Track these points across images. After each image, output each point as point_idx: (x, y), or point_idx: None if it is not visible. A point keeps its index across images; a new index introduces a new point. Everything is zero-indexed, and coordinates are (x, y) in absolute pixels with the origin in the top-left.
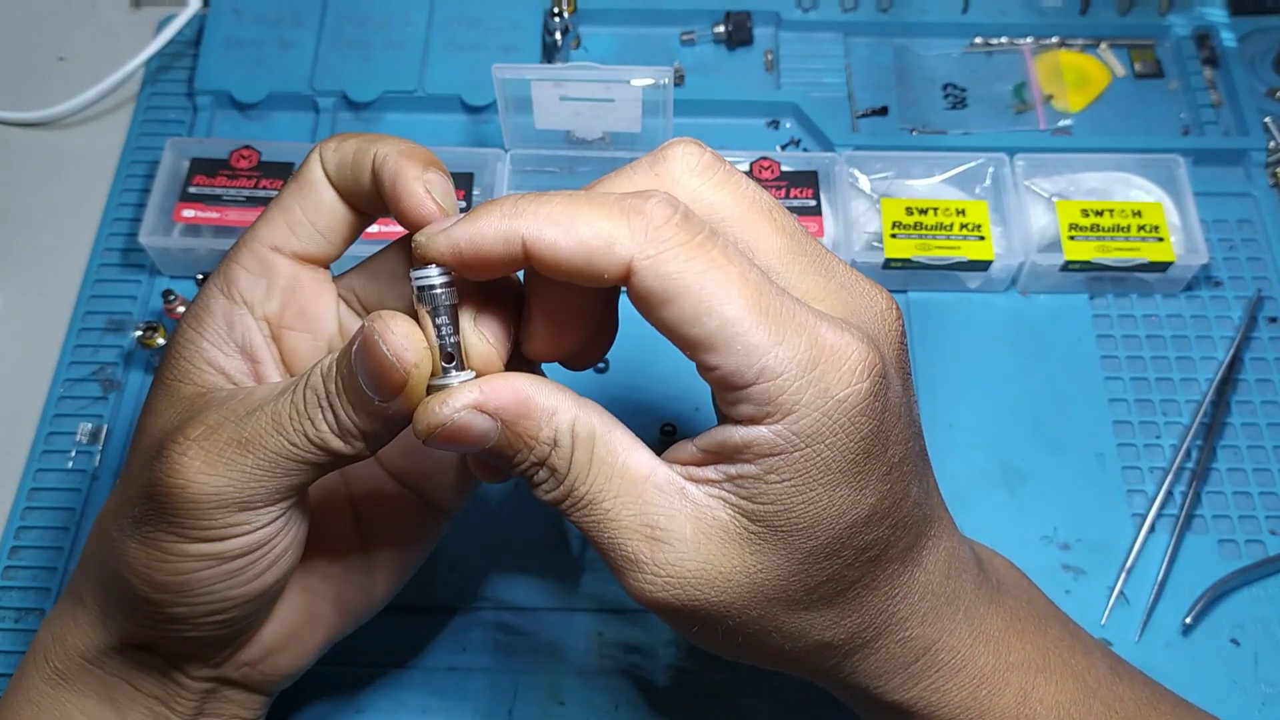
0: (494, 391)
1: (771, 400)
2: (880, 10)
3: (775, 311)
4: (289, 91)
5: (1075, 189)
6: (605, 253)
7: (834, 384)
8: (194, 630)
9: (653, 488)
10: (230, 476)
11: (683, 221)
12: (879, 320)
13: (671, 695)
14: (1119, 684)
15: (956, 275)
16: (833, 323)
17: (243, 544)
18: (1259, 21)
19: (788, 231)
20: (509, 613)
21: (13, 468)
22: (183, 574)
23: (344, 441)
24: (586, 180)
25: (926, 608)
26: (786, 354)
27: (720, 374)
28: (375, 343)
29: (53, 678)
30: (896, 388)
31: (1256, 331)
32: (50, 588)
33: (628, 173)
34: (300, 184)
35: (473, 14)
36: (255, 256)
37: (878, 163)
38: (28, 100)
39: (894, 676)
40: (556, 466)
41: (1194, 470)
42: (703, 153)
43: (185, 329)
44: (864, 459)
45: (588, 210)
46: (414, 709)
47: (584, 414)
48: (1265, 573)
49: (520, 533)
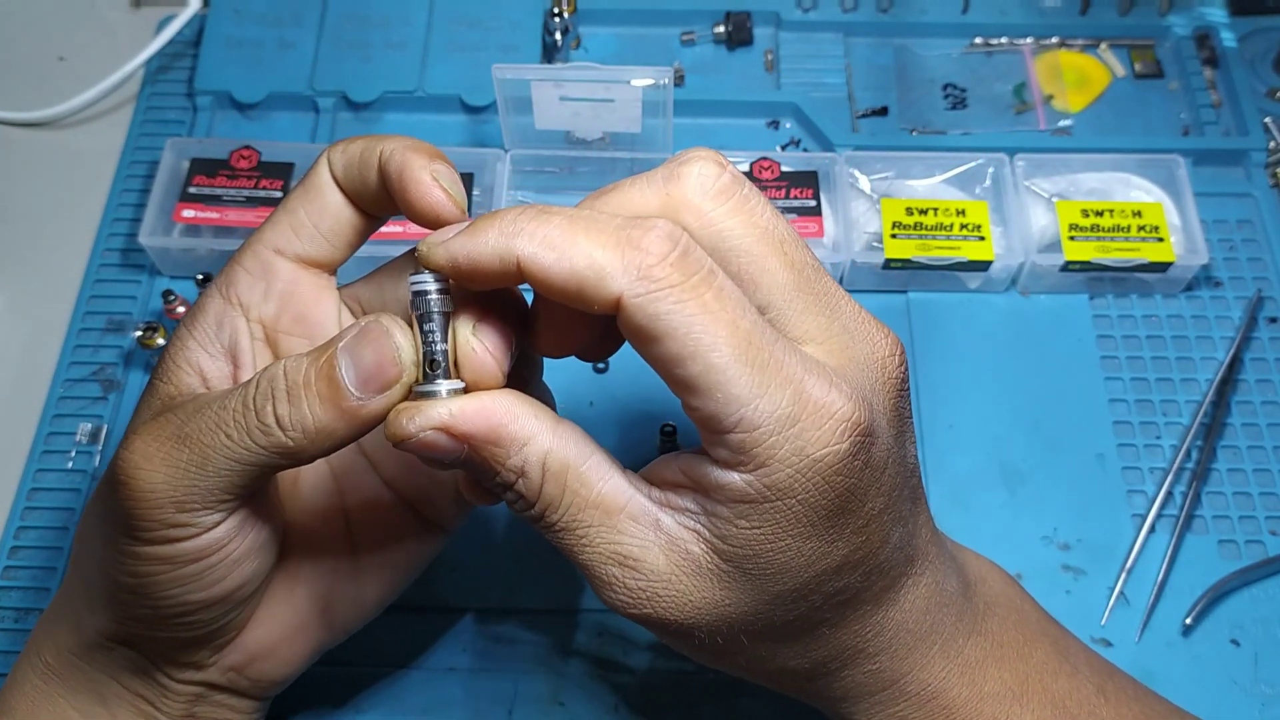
0: (464, 416)
1: (746, 451)
2: (880, 10)
3: (762, 362)
4: (289, 92)
5: (1075, 189)
6: (596, 284)
7: (811, 442)
8: (165, 630)
9: (627, 519)
10: (165, 473)
11: (679, 260)
12: (878, 367)
13: (671, 696)
14: (1104, 706)
15: (957, 275)
16: (822, 376)
17: (190, 548)
18: (1259, 22)
19: (796, 267)
20: (509, 613)
21: (13, 468)
22: (139, 576)
23: (290, 437)
24: (586, 181)
25: (899, 644)
26: (767, 407)
27: (701, 415)
28: (384, 335)
29: (45, 672)
30: (885, 441)
31: (1256, 332)
32: (50, 588)
33: (641, 184)
34: (306, 187)
35: (473, 14)
36: (257, 259)
37: (878, 163)
38: (28, 100)
39: (860, 702)
40: (524, 493)
41: (1194, 470)
42: (720, 173)
43: (180, 328)
44: (836, 515)
45: (584, 237)
46: (414, 709)
47: (559, 445)
48: (1265, 573)
49: (520, 533)
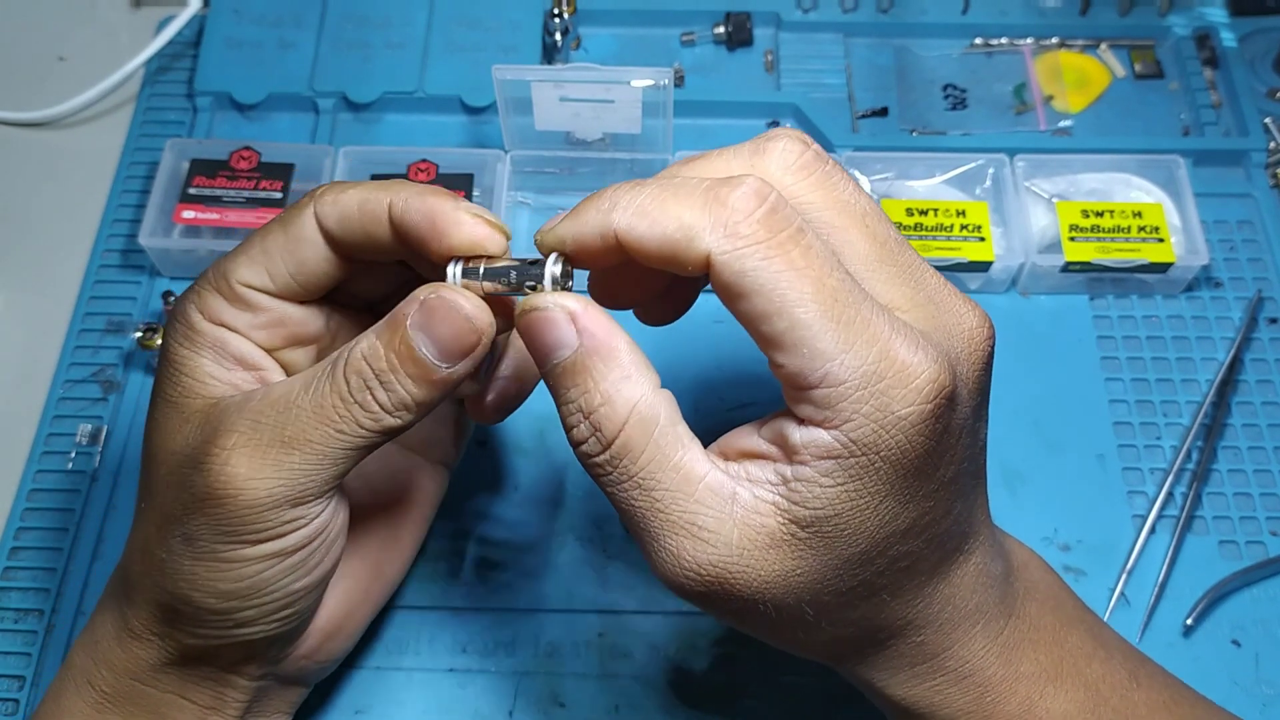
0: (590, 317)
1: (831, 406)
2: (880, 11)
3: (849, 319)
4: (289, 92)
5: (1075, 190)
6: (687, 246)
7: (896, 400)
8: (262, 630)
9: (706, 489)
10: (280, 477)
11: (767, 216)
12: (965, 339)
13: (672, 697)
14: (1135, 691)
15: (957, 276)
16: (910, 337)
17: (301, 537)
18: (1259, 22)
19: (879, 239)
20: (509, 613)
21: (13, 468)
22: (248, 577)
23: (397, 417)
24: (587, 182)
25: (945, 618)
26: (853, 362)
27: (786, 372)
28: (452, 309)
29: (99, 701)
30: (965, 409)
31: (1257, 332)
32: (49, 588)
33: (728, 155)
34: (290, 236)
35: (473, 15)
36: (235, 293)
37: (878, 163)
38: (28, 100)
39: (899, 673)
40: (601, 425)
41: (1194, 471)
42: (804, 150)
43: (177, 348)
44: (915, 475)
45: (673, 201)
46: (414, 709)
47: (654, 396)
48: (1266, 574)
49: (521, 534)
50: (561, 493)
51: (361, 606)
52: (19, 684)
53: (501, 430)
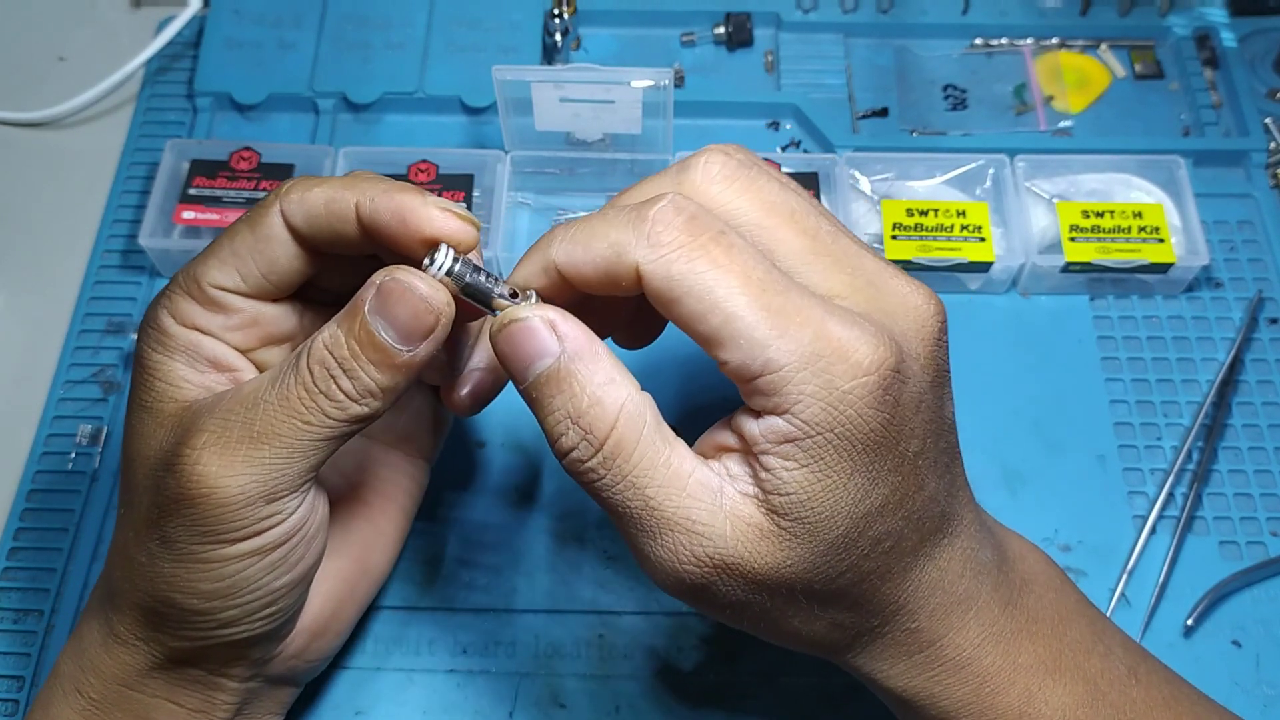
0: (570, 324)
1: (778, 391)
2: (880, 11)
3: (779, 306)
4: (289, 93)
5: (1076, 190)
6: (618, 262)
7: (838, 375)
8: (247, 630)
9: (697, 484)
10: (251, 472)
11: (687, 223)
12: (910, 317)
13: (672, 697)
14: (1134, 686)
15: (957, 277)
16: (843, 317)
17: (279, 533)
18: (1259, 22)
19: (810, 232)
20: (509, 614)
21: (13, 468)
22: (228, 577)
23: (364, 405)
24: (587, 182)
25: (936, 603)
26: (789, 346)
27: (731, 368)
28: (407, 290)
29: (87, 709)
30: (918, 383)
31: (1257, 333)
32: (49, 588)
33: (655, 180)
34: (258, 235)
35: (473, 15)
36: (207, 296)
37: (878, 164)
38: (28, 100)
39: (897, 663)
40: (591, 428)
41: (1195, 472)
42: (727, 160)
43: (150, 353)
44: (875, 450)
45: (602, 226)
46: (414, 710)
47: (639, 398)
48: (1267, 574)
49: (521, 534)
50: (561, 494)
51: (348, 604)
52: (18, 684)
53: (502, 431)
